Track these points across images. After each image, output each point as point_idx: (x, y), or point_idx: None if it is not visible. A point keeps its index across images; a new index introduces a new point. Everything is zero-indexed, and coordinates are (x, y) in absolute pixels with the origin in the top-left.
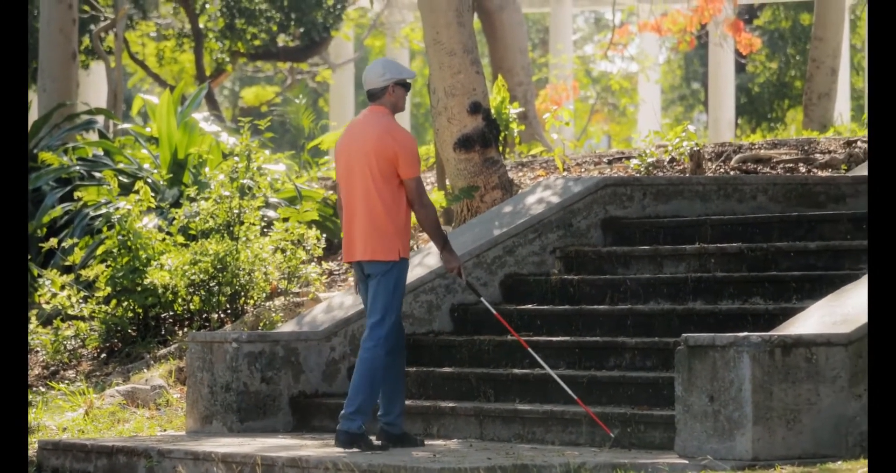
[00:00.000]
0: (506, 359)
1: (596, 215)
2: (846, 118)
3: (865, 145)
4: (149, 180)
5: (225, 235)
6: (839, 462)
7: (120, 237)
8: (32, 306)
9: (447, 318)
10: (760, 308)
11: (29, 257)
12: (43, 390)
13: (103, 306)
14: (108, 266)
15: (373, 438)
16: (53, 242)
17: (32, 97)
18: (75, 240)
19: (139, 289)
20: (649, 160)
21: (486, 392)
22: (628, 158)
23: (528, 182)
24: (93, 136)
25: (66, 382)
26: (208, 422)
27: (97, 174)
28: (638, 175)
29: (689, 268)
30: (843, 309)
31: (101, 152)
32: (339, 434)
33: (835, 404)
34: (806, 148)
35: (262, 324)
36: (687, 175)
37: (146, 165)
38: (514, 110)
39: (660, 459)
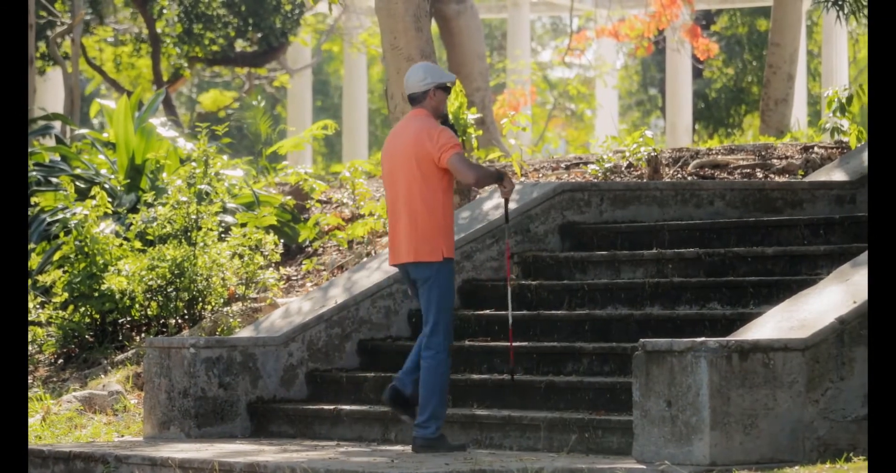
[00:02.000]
0: (463, 364)
1: (553, 220)
2: (803, 124)
3: (822, 151)
4: (106, 186)
5: (182, 240)
6: (796, 467)
7: (77, 243)
8: None
9: (405, 323)
10: (718, 313)
11: None
12: None
13: (60, 311)
14: (65, 272)
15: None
16: None
17: None
18: (32, 245)
19: (96, 295)
20: (607, 166)
21: None
22: (586, 164)
23: (486, 188)
24: (50, 141)
25: None
26: (166, 428)
27: (54, 180)
28: (595, 181)
29: (647, 273)
30: (800, 314)
31: (57, 158)
32: (417, 440)
33: (792, 409)
34: (763, 154)
35: (219, 330)
36: (644, 181)
37: (103, 171)
38: (471, 116)
39: (618, 464)
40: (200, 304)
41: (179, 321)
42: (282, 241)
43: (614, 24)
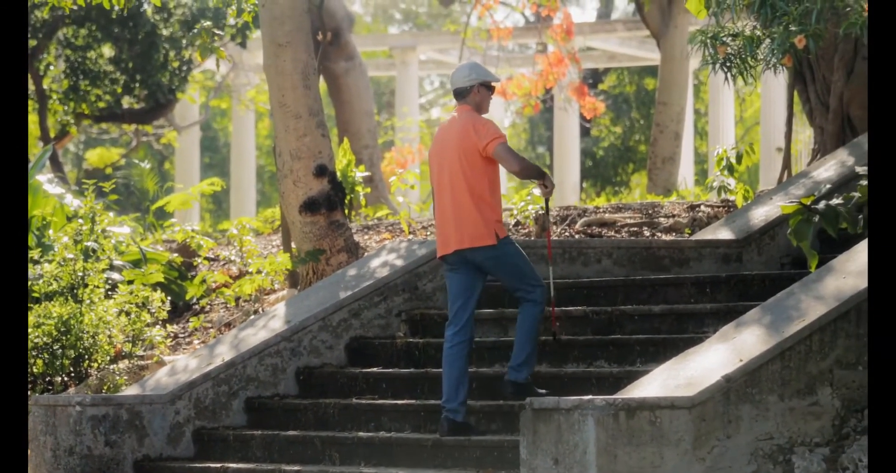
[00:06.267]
0: (351, 422)
1: (441, 278)
2: (690, 182)
3: (709, 209)
4: None
5: (69, 297)
6: None
7: None
8: None
9: (292, 381)
10: (605, 371)
11: None
12: None
13: None
14: None
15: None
16: None
17: None
18: None
19: None
20: None
21: (332, 456)
22: None
23: (374, 245)
24: None
25: None
26: None
27: None
28: None
29: None
30: (687, 372)
31: None
32: (507, 384)
33: (678, 467)
34: (650, 212)
35: (106, 387)
36: (532, 239)
37: None
38: (359, 173)
39: None
40: (87, 361)
41: (65, 378)
42: (169, 298)
43: (502, 82)
